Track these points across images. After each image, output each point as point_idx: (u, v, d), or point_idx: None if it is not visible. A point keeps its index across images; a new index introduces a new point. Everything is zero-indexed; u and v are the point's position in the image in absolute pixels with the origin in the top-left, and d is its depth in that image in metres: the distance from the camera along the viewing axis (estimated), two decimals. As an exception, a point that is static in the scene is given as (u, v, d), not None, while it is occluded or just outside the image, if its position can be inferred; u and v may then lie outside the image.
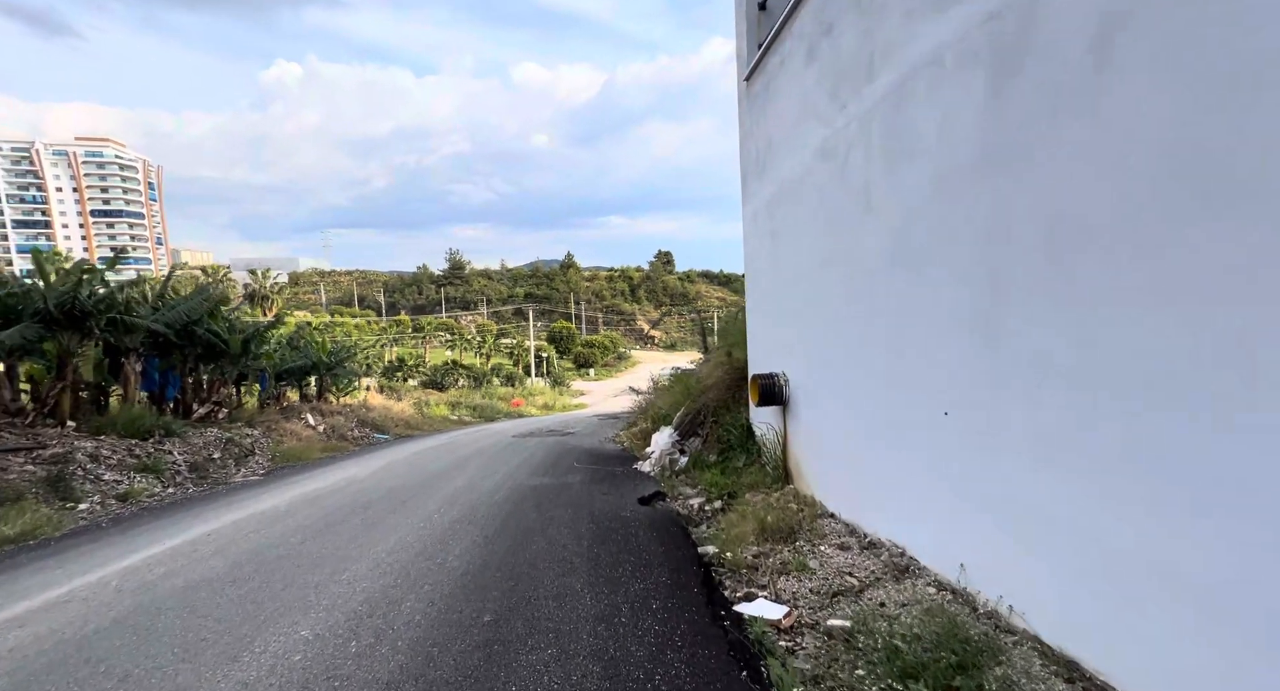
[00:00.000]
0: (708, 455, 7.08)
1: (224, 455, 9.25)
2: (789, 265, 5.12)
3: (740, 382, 7.30)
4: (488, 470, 7.93)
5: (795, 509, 4.66)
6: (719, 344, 7.58)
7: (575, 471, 7.46)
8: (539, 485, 6.53)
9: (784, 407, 5.37)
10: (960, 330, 2.69)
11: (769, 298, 5.74)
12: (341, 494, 6.55)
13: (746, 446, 6.62)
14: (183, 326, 9.90)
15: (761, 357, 6.05)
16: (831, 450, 4.34)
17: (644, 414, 13.18)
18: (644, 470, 7.35)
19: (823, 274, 4.32)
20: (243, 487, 7.49)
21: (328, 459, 10.34)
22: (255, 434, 10.69)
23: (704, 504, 5.72)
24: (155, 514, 5.97)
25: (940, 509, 2.90)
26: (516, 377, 47.36)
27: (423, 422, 18.10)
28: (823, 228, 4.25)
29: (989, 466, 2.52)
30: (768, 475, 5.67)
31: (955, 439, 2.76)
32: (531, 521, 4.81)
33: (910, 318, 3.16)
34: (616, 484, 6.50)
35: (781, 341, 5.38)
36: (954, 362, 2.76)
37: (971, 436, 2.62)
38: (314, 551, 4.17)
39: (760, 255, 6.00)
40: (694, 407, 7.77)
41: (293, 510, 5.74)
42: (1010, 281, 2.34)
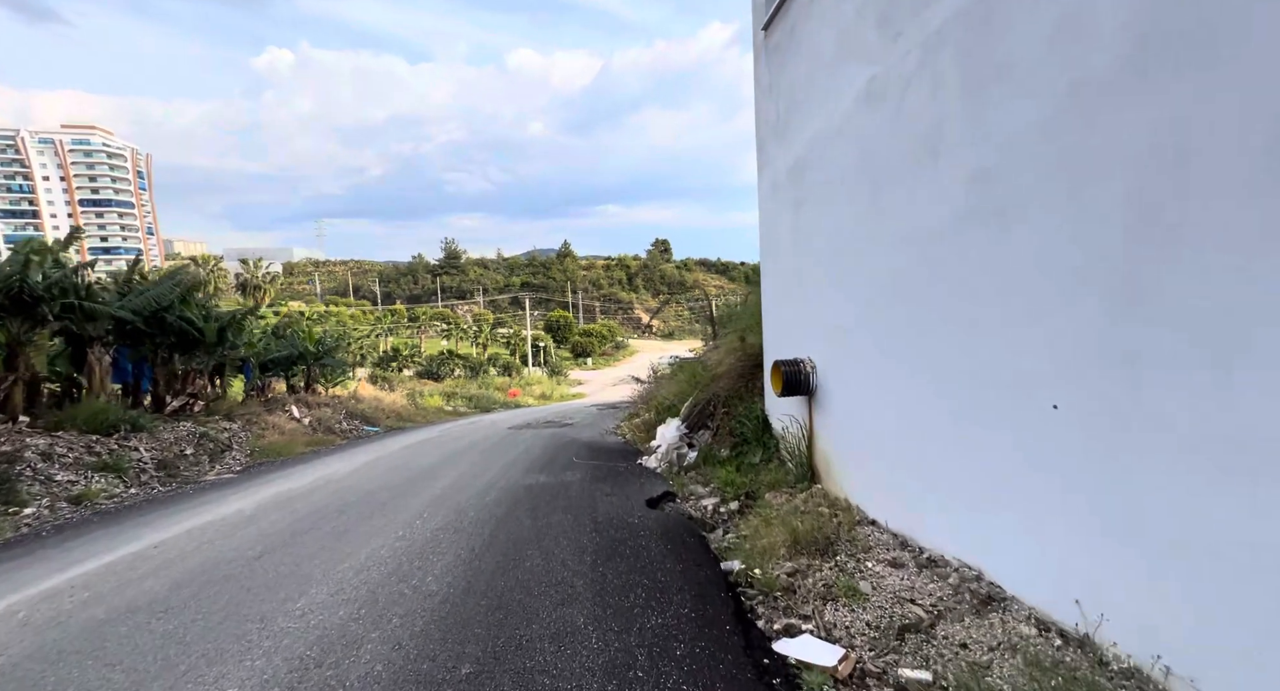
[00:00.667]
0: (719, 449, 6.48)
1: (197, 451, 8.62)
2: (817, 237, 4.47)
3: (754, 370, 6.68)
4: (479, 466, 7.32)
5: (828, 514, 4.06)
6: (729, 328, 6.97)
7: (574, 468, 6.86)
8: (535, 484, 5.93)
9: (809, 397, 4.76)
10: (1080, 296, 2.06)
11: (791, 275, 5.10)
12: (316, 495, 5.94)
13: (763, 440, 6.02)
14: (152, 314, 9.21)
15: (781, 342, 5.43)
16: (872, 447, 3.73)
17: (645, 404, 12.58)
18: (649, 466, 6.75)
19: (863, 243, 3.67)
20: (212, 487, 6.87)
21: (310, 454, 9.72)
22: (234, 428, 10.06)
23: (719, 505, 5.13)
24: (107, 519, 5.35)
25: (1043, 525, 2.30)
26: (513, 367, 46.70)
27: (415, 414, 17.49)
28: (865, 188, 3.59)
29: (1131, 476, 1.90)
30: (790, 473, 5.07)
31: (1070, 438, 2.14)
32: (526, 530, 4.20)
33: (992, 285, 2.52)
34: (620, 482, 5.90)
35: (807, 323, 4.75)
36: (1066, 341, 2.13)
37: (1100, 436, 2.00)
38: (270, 569, 3.56)
39: (780, 229, 5.34)
40: (702, 398, 7.16)
41: (258, 515, 5.12)
42: (1182, 221, 1.70)
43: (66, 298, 7.67)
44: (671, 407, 8.55)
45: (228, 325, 10.16)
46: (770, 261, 5.79)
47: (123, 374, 10.06)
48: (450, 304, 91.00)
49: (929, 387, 3.03)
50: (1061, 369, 2.17)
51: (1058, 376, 2.18)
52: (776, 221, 5.46)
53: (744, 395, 6.71)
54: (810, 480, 4.76)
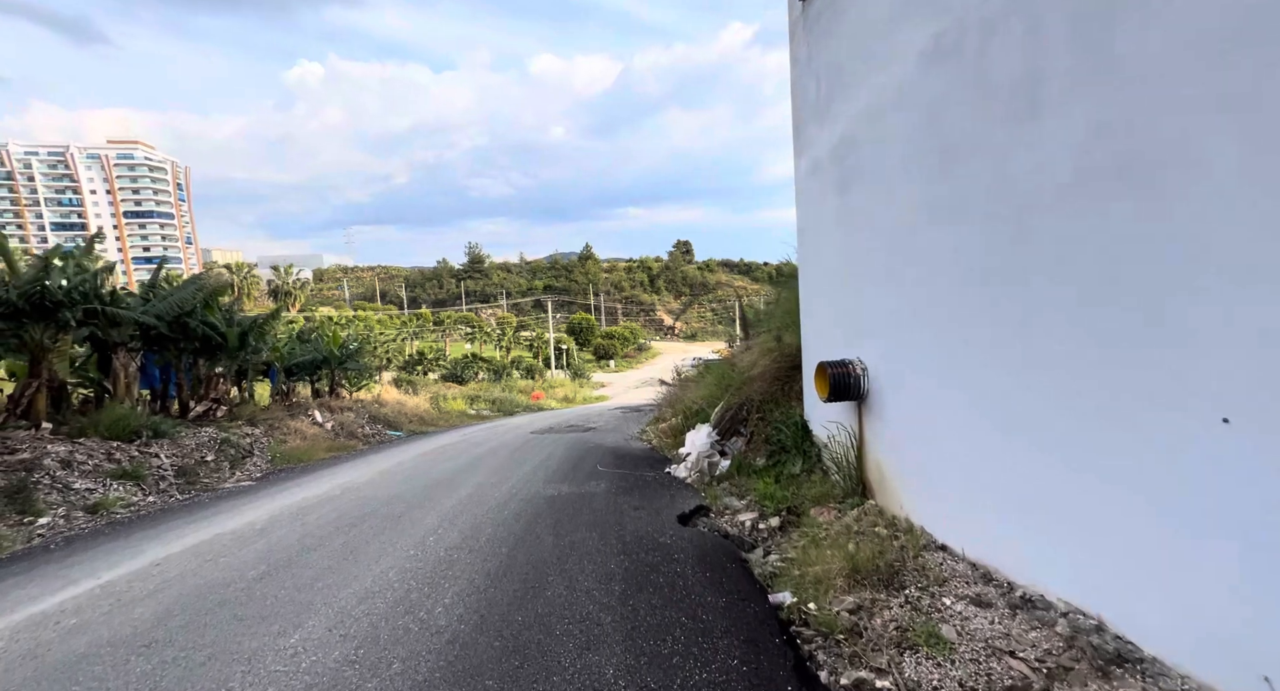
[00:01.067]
0: (754, 458, 6.01)
1: (218, 457, 8.52)
2: (869, 221, 3.98)
3: (792, 372, 6.19)
4: (500, 474, 6.99)
5: (886, 535, 3.57)
6: (762, 328, 6.50)
7: (598, 476, 6.46)
8: (557, 495, 5.56)
9: (860, 403, 4.27)
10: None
11: (836, 267, 4.61)
12: (332, 505, 5.68)
13: (803, 448, 5.53)
14: (175, 319, 9.18)
15: (824, 341, 4.94)
16: (941, 459, 3.23)
17: (671, 407, 12.14)
18: (678, 475, 6.31)
19: (930, 224, 3.18)
20: (228, 495, 6.69)
21: (331, 460, 9.56)
22: (256, 433, 9.98)
23: (757, 521, 4.67)
24: (117, 531, 5.17)
25: (1204, 575, 1.79)
26: (536, 370, 46.77)
27: (438, 418, 17.39)
28: (932, 160, 3.11)
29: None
30: (836, 486, 4.58)
31: (1258, 464, 1.64)
32: (547, 550, 3.81)
33: (1120, 266, 2.03)
34: (648, 494, 5.49)
35: (857, 319, 4.26)
36: (1249, 334, 1.63)
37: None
38: (267, 595, 3.25)
39: (822, 216, 4.86)
40: (734, 402, 6.69)
41: (269, 528, 4.87)
42: None
43: (89, 303, 7.63)
44: (700, 412, 8.10)
45: (249, 329, 10.11)
46: (810, 253, 5.31)
47: (150, 379, 10.10)
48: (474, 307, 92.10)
49: (1025, 390, 2.53)
50: (1243, 378, 1.67)
51: (1241, 387, 1.68)
52: (817, 209, 4.98)
53: (780, 399, 6.23)
54: (861, 495, 4.26)
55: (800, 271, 5.62)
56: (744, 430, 6.49)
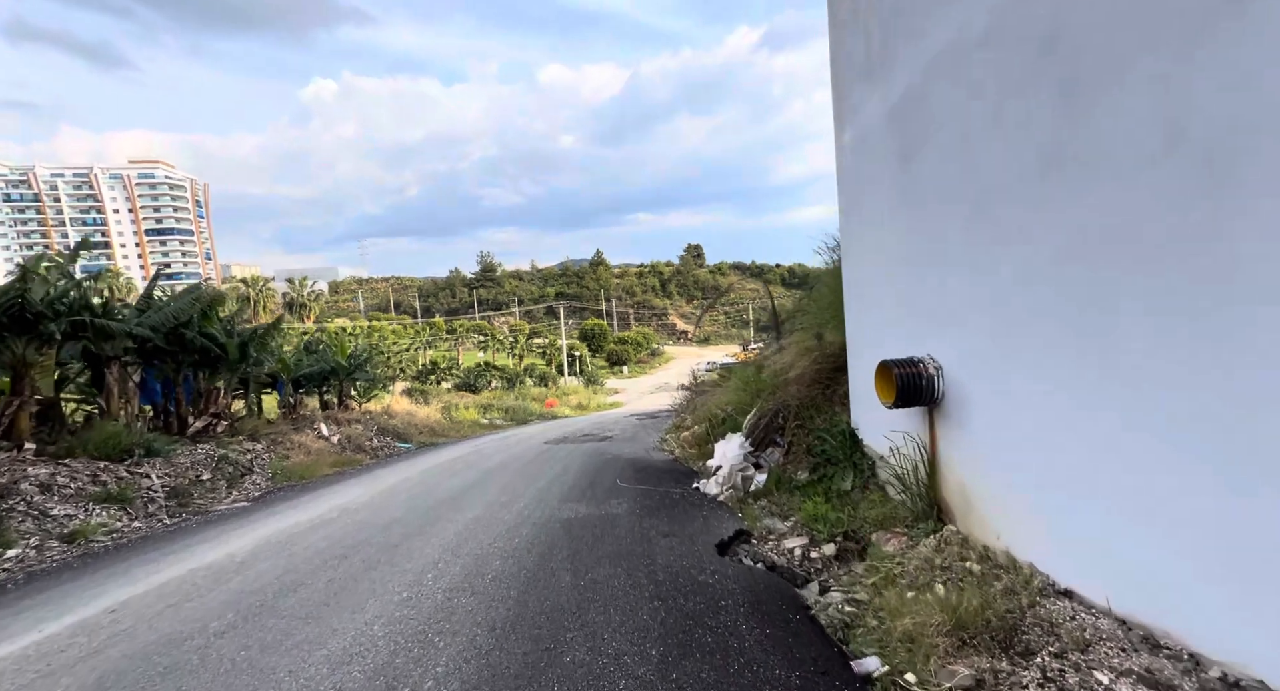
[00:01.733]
0: (794, 471, 5.33)
1: (215, 476, 8.03)
2: (945, 192, 3.31)
3: (835, 374, 5.51)
4: (511, 491, 6.38)
5: (981, 573, 2.88)
6: (799, 325, 5.83)
7: (619, 494, 5.82)
8: (574, 518, 4.92)
9: (932, 408, 3.58)
10: None
11: (896, 251, 3.93)
12: (325, 531, 5.11)
13: (853, 460, 4.84)
14: (171, 330, 8.76)
15: (879, 338, 4.25)
16: (1065, 481, 2.54)
17: (691, 414, 11.46)
18: (708, 492, 5.64)
19: (1037, 185, 2.51)
20: (219, 519, 6.17)
21: (335, 476, 9.04)
22: (257, 448, 9.51)
23: (808, 548, 3.99)
24: (87, 565, 4.64)
25: None
26: (549, 377, 46.34)
27: (449, 428, 16.88)
28: (1046, 98, 2.43)
29: None
30: (901, 507, 3.88)
31: None
32: (563, 593, 3.18)
33: None
34: (677, 515, 4.82)
35: (927, 309, 3.58)
36: None
37: None
38: (224, 657, 2.65)
39: (874, 194, 4.20)
40: (769, 408, 6.01)
41: (250, 561, 4.30)
42: None
43: (76, 315, 7.20)
44: (727, 420, 7.43)
45: (249, 340, 9.67)
46: (856, 237, 4.64)
47: (151, 394, 9.69)
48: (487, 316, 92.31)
49: (1208, 390, 1.84)
50: None
51: None
52: (867, 185, 4.31)
53: (821, 404, 5.54)
54: (936, 519, 3.56)
55: (844, 260, 4.94)
56: (780, 439, 5.81)
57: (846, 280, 4.91)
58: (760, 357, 10.07)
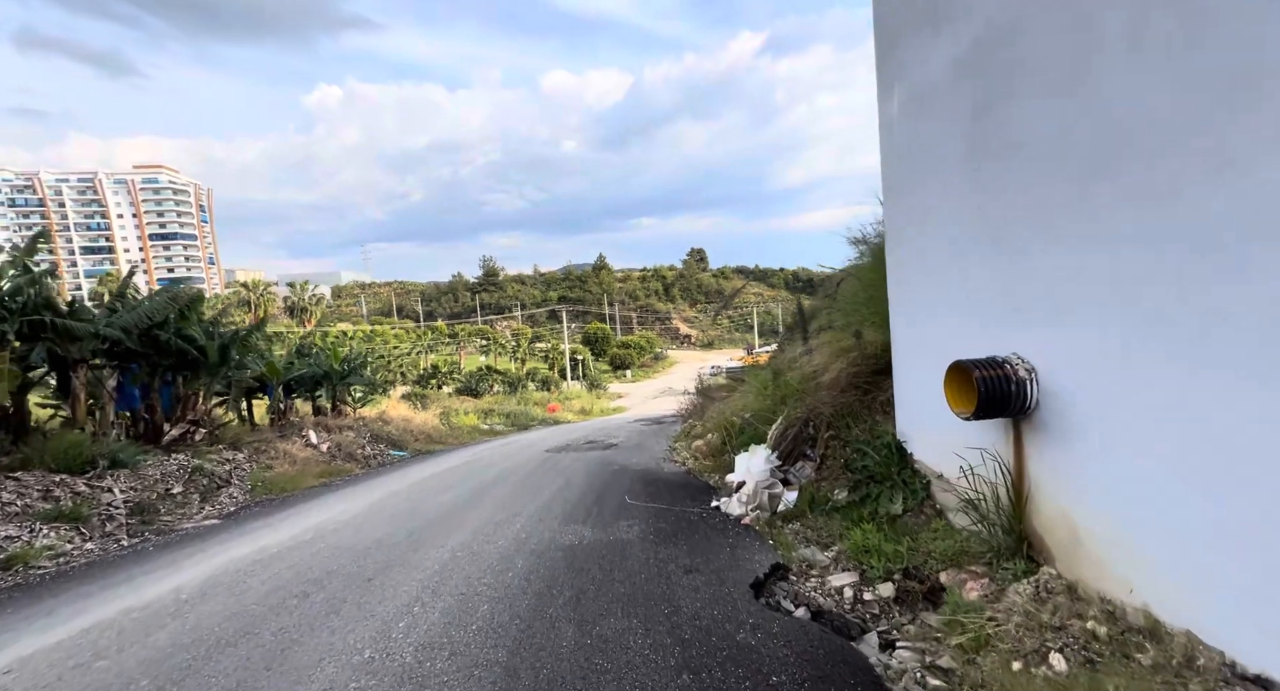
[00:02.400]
0: (830, 489, 4.65)
1: (187, 489, 7.39)
2: (1040, 147, 2.65)
3: (875, 377, 4.83)
4: (507, 508, 5.71)
5: (1109, 637, 2.23)
6: (835, 323, 5.15)
7: (629, 513, 5.14)
8: (577, 545, 4.25)
9: (1018, 420, 2.90)
10: None
11: (966, 227, 3.27)
12: (293, 558, 4.45)
13: (902, 479, 4.16)
14: (144, 332, 8.15)
15: (942, 334, 3.58)
16: (1243, 521, 1.86)
17: (702, 421, 10.78)
18: (731, 512, 4.95)
19: (1217, 119, 1.85)
20: (182, 540, 5.52)
21: (320, 488, 8.39)
22: (238, 458, 8.87)
23: (859, 588, 3.32)
24: (8, 601, 3.99)
25: None
26: (552, 381, 45.71)
27: (447, 435, 16.22)
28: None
29: None
30: (974, 538, 3.20)
31: None
32: (565, 655, 2.50)
33: None
34: (698, 543, 4.15)
35: (1015, 299, 2.91)
36: None
37: None
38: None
39: (938, 159, 3.54)
40: (796, 416, 5.33)
41: (196, 599, 3.64)
42: None
43: (34, 314, 6.59)
44: (745, 429, 6.75)
45: (230, 342, 9.04)
46: (908, 215, 3.97)
47: (129, 399, 9.08)
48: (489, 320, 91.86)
49: None
50: None
51: None
52: (926, 151, 3.65)
53: (860, 412, 4.86)
54: (1026, 557, 2.87)
55: (890, 246, 4.27)
56: (811, 452, 5.13)
57: (892, 269, 4.25)
58: (775, 361, 9.39)
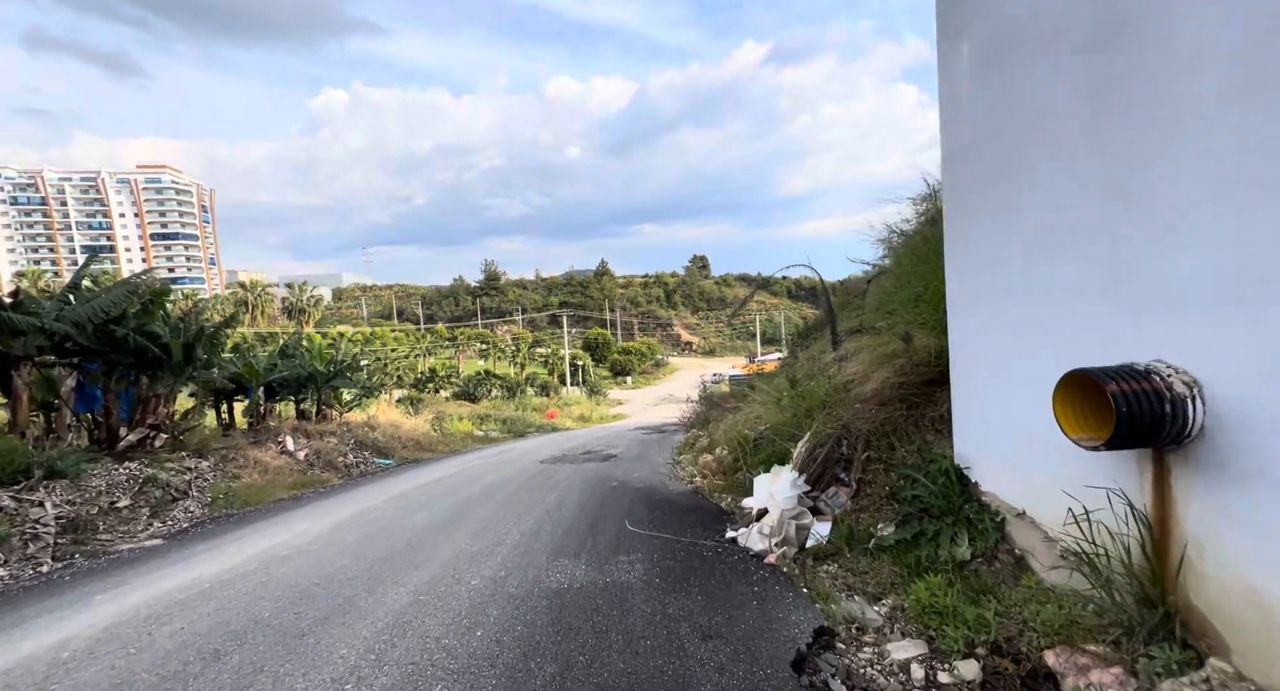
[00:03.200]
0: (874, 523, 3.86)
1: (136, 502, 6.62)
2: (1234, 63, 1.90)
3: (926, 389, 4.06)
4: (489, 533, 4.94)
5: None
6: (877, 322, 4.39)
7: (630, 545, 4.36)
8: (566, 589, 3.47)
9: (1162, 452, 2.14)
10: None
11: (1082, 184, 2.51)
12: (225, 595, 3.67)
13: (965, 515, 3.38)
14: (99, 327, 7.41)
15: (1029, 334, 2.82)
16: None
17: (709, 432, 10.01)
18: (752, 547, 4.16)
19: None
20: (111, 567, 4.74)
21: (288, 502, 7.61)
22: (202, 467, 8.10)
23: (930, 666, 2.55)
24: None
25: None
26: (551, 387, 44.92)
27: (438, 442, 15.41)
28: None
29: None
30: (1094, 607, 2.41)
31: None
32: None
33: None
34: (716, 591, 3.36)
35: (1158, 281, 2.14)
36: None
37: None
38: None
39: (1042, 102, 2.80)
40: (827, 433, 4.56)
41: (80, 659, 2.86)
42: None
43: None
44: (763, 445, 5.97)
45: (195, 340, 8.29)
46: (984, 179, 3.22)
47: (90, 401, 8.33)
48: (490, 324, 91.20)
49: None
50: None
51: None
52: (1015, 100, 2.91)
53: (907, 430, 4.09)
54: (1181, 642, 2.09)
55: (950, 225, 3.52)
56: (846, 476, 4.35)
57: (955, 255, 3.49)
58: (791, 368, 8.62)
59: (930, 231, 5.01)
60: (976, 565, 3.16)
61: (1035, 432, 2.66)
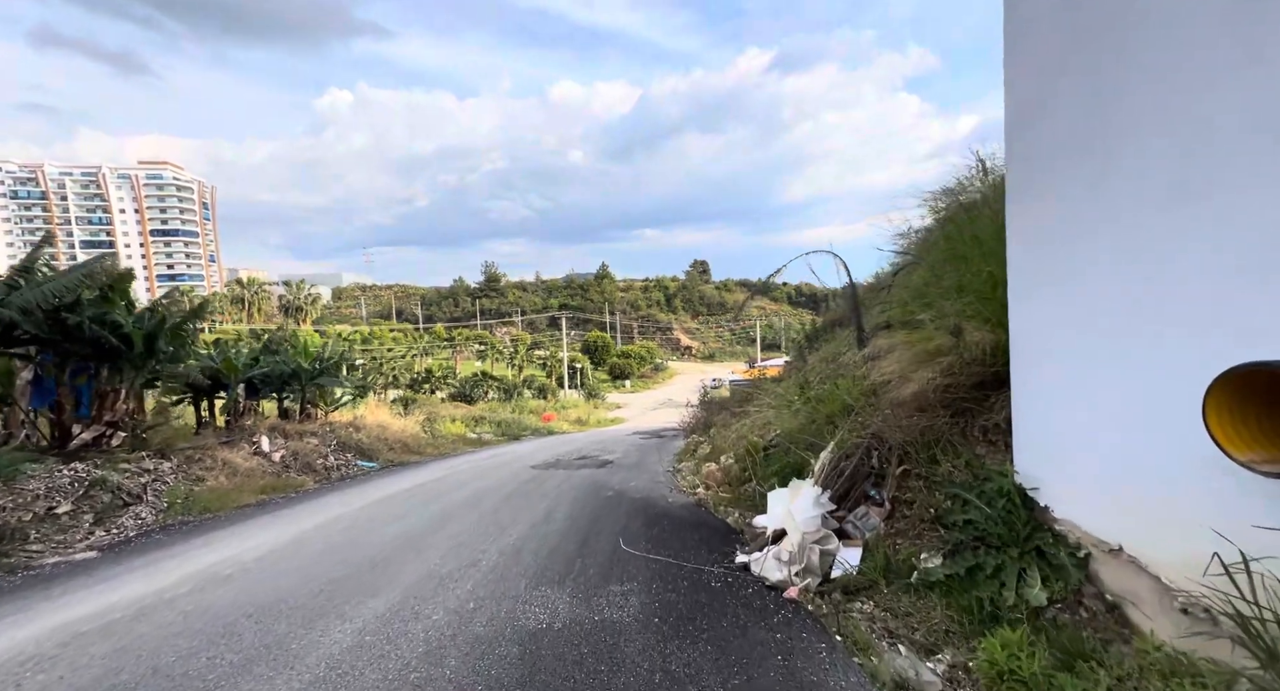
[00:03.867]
0: (915, 551, 3.23)
1: (80, 507, 5.99)
2: None
3: (977, 392, 3.44)
4: (465, 551, 4.31)
5: None
6: (918, 314, 3.77)
7: (624, 570, 3.73)
8: (545, 634, 2.83)
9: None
10: None
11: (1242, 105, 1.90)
12: (128, 633, 3.04)
13: (1033, 546, 2.76)
14: (49, 313, 6.79)
15: (1140, 313, 2.21)
16: None
17: (710, 438, 9.38)
18: (767, 576, 3.52)
19: None
20: (20, 588, 4.10)
21: (254, 508, 6.97)
22: (163, 469, 7.46)
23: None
24: None
25: None
26: (549, 389, 44.26)
27: (427, 444, 14.75)
28: None
29: None
30: (1245, 688, 1.79)
31: None
32: None
33: None
34: (730, 639, 2.73)
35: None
36: None
37: None
38: None
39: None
40: (854, 443, 3.93)
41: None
42: None
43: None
44: (774, 455, 5.34)
45: (157, 331, 7.66)
46: (1059, 134, 2.61)
47: (46, 395, 7.70)
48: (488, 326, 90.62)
49: None
50: None
51: None
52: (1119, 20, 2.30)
53: (952, 441, 3.46)
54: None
55: (1014, 186, 2.91)
56: (878, 493, 3.73)
57: (1023, 224, 2.88)
58: (803, 371, 8.01)
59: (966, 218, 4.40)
60: (1054, 612, 2.54)
61: (1143, 446, 2.05)
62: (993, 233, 3.81)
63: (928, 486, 3.47)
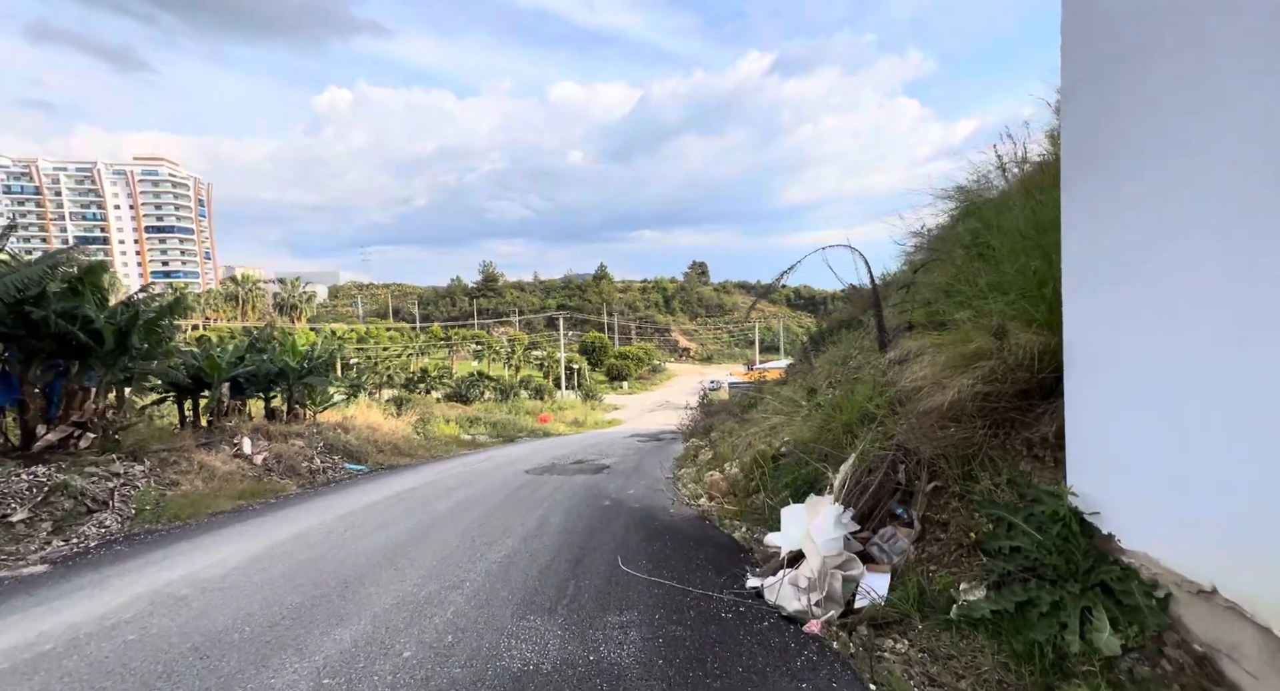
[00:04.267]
0: (953, 581, 2.86)
1: (37, 514, 5.57)
2: None
3: (1023, 400, 3.07)
4: (446, 573, 3.92)
5: None
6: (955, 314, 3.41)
7: (622, 594, 3.35)
8: (533, 674, 2.45)
9: None
10: None
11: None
12: (66, 664, 2.66)
13: (1096, 582, 2.39)
14: (13, 306, 6.38)
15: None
16: None
17: (712, 442, 9.00)
18: (783, 605, 3.14)
19: None
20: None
21: (230, 515, 6.56)
22: (134, 472, 7.04)
23: None
24: None
25: None
26: (546, 390, 43.84)
27: (419, 446, 14.33)
28: None
29: None
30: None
31: None
32: None
33: None
34: (745, 684, 2.35)
35: None
36: None
37: None
38: None
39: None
40: (878, 455, 3.56)
41: None
42: None
43: None
44: (785, 465, 4.96)
45: (129, 327, 7.24)
46: (1152, 88, 2.24)
47: (11, 392, 7.28)
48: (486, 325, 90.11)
49: None
50: None
51: None
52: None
53: (993, 454, 3.09)
54: None
55: (1070, 168, 2.54)
56: (906, 512, 3.35)
57: (1069, 216, 2.51)
58: (809, 375, 7.63)
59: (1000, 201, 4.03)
60: (1130, 662, 2.16)
61: (1245, 471, 1.68)
62: (1033, 226, 3.45)
63: (964, 505, 3.10)
